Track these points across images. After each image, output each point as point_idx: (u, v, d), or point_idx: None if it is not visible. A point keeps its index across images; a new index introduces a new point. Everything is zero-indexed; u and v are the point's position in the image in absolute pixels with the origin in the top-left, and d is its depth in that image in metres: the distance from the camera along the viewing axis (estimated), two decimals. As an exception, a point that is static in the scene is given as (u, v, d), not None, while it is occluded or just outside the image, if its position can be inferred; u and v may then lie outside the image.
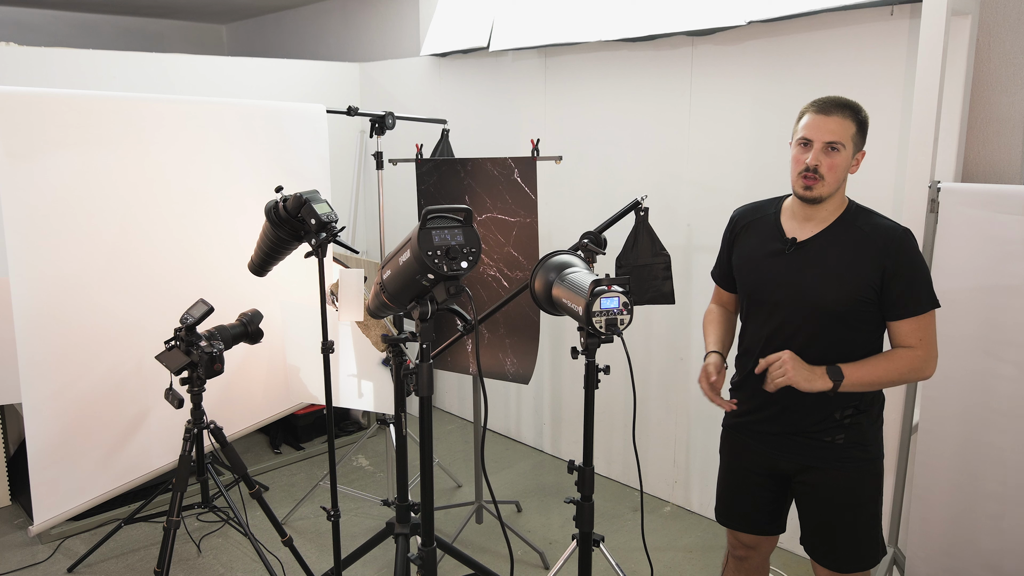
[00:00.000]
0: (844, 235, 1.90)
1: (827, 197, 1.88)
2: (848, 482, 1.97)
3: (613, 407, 3.79)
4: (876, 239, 1.86)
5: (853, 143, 1.86)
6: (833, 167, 1.84)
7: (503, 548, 3.24)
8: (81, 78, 3.68)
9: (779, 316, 1.97)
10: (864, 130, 1.89)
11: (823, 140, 1.84)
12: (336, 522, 2.66)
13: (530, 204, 3.06)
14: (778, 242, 1.98)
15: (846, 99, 1.87)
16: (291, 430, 4.23)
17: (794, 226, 1.97)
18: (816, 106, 1.87)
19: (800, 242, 1.94)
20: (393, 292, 1.80)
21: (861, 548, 2.00)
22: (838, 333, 1.90)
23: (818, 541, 2.04)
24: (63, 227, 2.66)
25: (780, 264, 1.96)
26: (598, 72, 3.59)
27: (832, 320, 1.90)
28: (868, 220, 1.90)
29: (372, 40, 5.15)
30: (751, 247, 2.05)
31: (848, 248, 1.88)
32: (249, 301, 2.93)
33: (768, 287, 1.98)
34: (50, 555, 3.19)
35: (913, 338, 1.87)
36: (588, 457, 2.01)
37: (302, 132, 3.39)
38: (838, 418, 1.95)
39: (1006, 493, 2.29)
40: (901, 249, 1.85)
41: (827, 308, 1.89)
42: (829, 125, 1.84)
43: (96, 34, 6.17)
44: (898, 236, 1.86)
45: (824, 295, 1.89)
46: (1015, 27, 2.47)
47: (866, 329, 1.92)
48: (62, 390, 2.73)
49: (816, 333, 1.92)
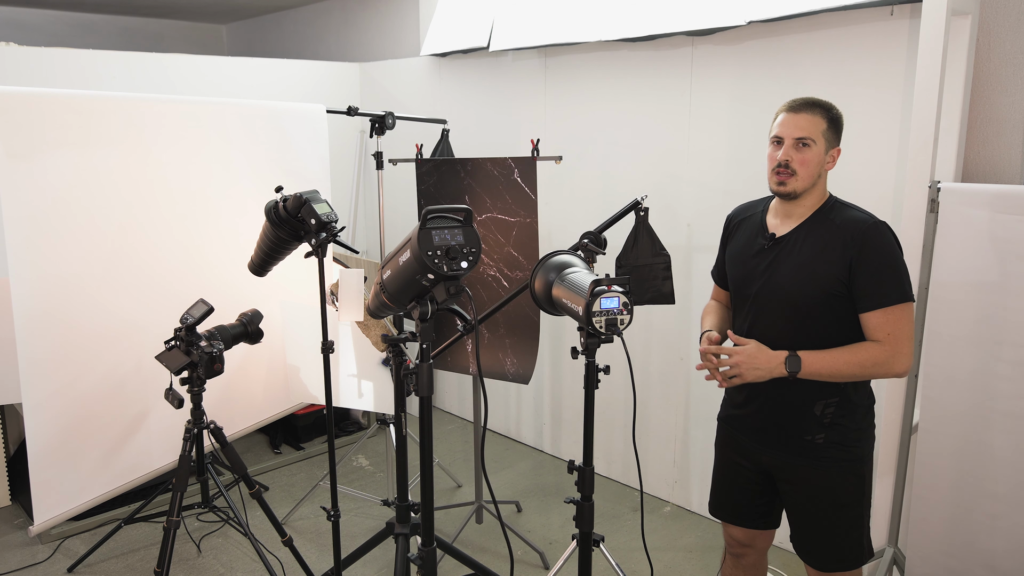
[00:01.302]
0: (818, 228, 1.94)
1: (802, 192, 1.93)
2: (828, 482, 1.99)
3: (613, 407, 3.79)
4: (844, 231, 1.89)
5: (824, 139, 1.91)
6: (804, 162, 1.90)
7: (503, 548, 3.25)
8: (81, 78, 3.68)
9: (755, 310, 2.02)
10: (837, 127, 1.93)
11: (793, 136, 1.90)
12: (336, 522, 2.66)
13: (530, 204, 3.06)
14: (761, 238, 2.03)
15: (817, 98, 1.93)
16: (291, 430, 4.23)
17: (776, 223, 2.02)
18: (787, 106, 1.95)
19: (778, 237, 1.99)
20: (393, 292, 1.80)
21: (842, 549, 2.02)
22: (811, 327, 1.93)
23: (800, 538, 2.08)
24: (63, 227, 2.66)
25: (759, 259, 2.01)
26: (598, 72, 3.59)
27: (804, 314, 1.93)
28: (841, 213, 1.93)
29: (372, 40, 5.15)
30: (739, 244, 2.11)
31: (819, 241, 1.92)
32: (249, 301, 2.93)
33: (747, 282, 2.04)
34: (50, 555, 3.19)
35: (880, 332, 1.88)
36: (588, 457, 2.01)
37: (302, 132, 3.39)
38: (818, 414, 1.96)
39: (1006, 493, 2.29)
40: (866, 240, 1.86)
41: (798, 301, 1.93)
42: (799, 122, 1.90)
43: (96, 34, 6.17)
44: (865, 228, 1.87)
45: (794, 288, 1.93)
46: (1015, 27, 2.47)
47: (841, 324, 1.93)
48: (62, 390, 2.73)
49: (789, 327, 1.95)
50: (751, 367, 1.94)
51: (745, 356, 1.95)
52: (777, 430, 2.02)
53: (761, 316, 2.01)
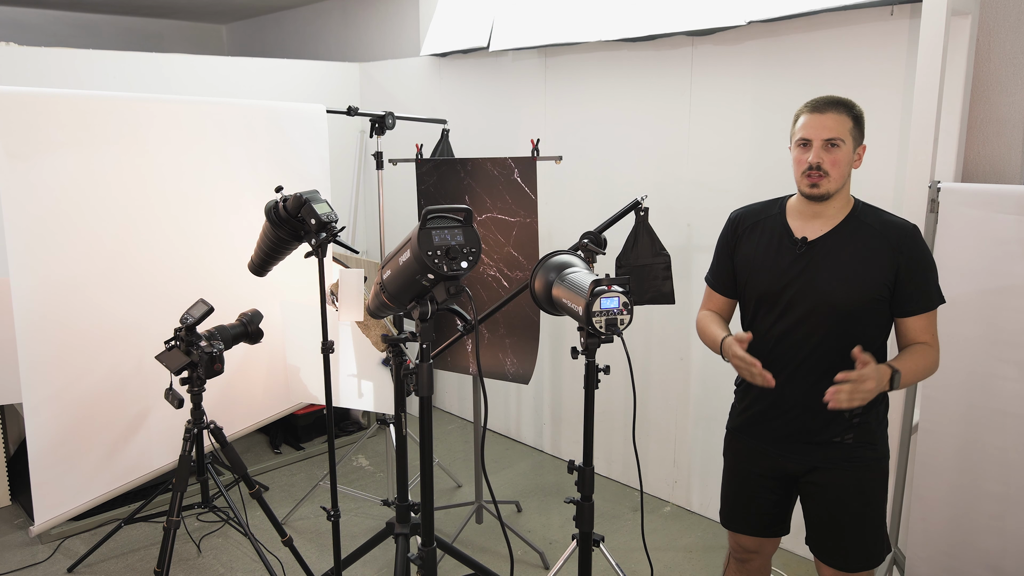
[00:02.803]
0: (856, 233, 1.92)
1: (834, 193, 1.90)
2: (857, 481, 1.98)
3: (613, 407, 3.79)
4: (889, 236, 1.89)
5: (852, 137, 1.89)
6: (836, 162, 1.87)
7: (503, 548, 3.24)
8: (80, 78, 3.67)
9: (792, 315, 1.96)
10: (861, 124, 1.91)
11: (822, 138, 1.87)
12: (336, 522, 2.66)
13: (530, 204, 3.05)
14: (787, 241, 1.98)
15: (838, 97, 1.91)
16: (291, 430, 4.23)
17: (801, 225, 1.97)
18: (810, 106, 1.91)
19: (811, 241, 1.95)
20: (393, 292, 1.80)
21: (868, 546, 2.00)
22: (848, 331, 1.91)
23: (826, 541, 2.04)
24: (63, 227, 2.66)
25: (791, 263, 1.96)
26: (598, 72, 3.59)
27: (844, 317, 1.91)
28: (877, 217, 1.93)
29: (372, 40, 5.15)
30: (759, 248, 2.03)
31: (861, 246, 1.90)
32: (249, 301, 2.93)
33: (776, 286, 1.98)
34: (50, 555, 3.19)
35: (927, 334, 1.90)
36: (588, 457, 2.01)
37: (302, 132, 3.39)
38: (847, 417, 1.96)
39: (1006, 493, 2.29)
40: (914, 245, 1.88)
41: (841, 305, 1.90)
42: (826, 122, 1.87)
43: (96, 34, 6.17)
44: (910, 233, 1.89)
45: (838, 292, 1.90)
46: (1015, 27, 2.47)
47: (875, 326, 1.93)
48: (62, 390, 2.73)
49: (828, 331, 1.93)
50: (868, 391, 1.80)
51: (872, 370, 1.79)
52: (806, 435, 1.99)
53: (801, 322, 1.95)
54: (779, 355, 1.97)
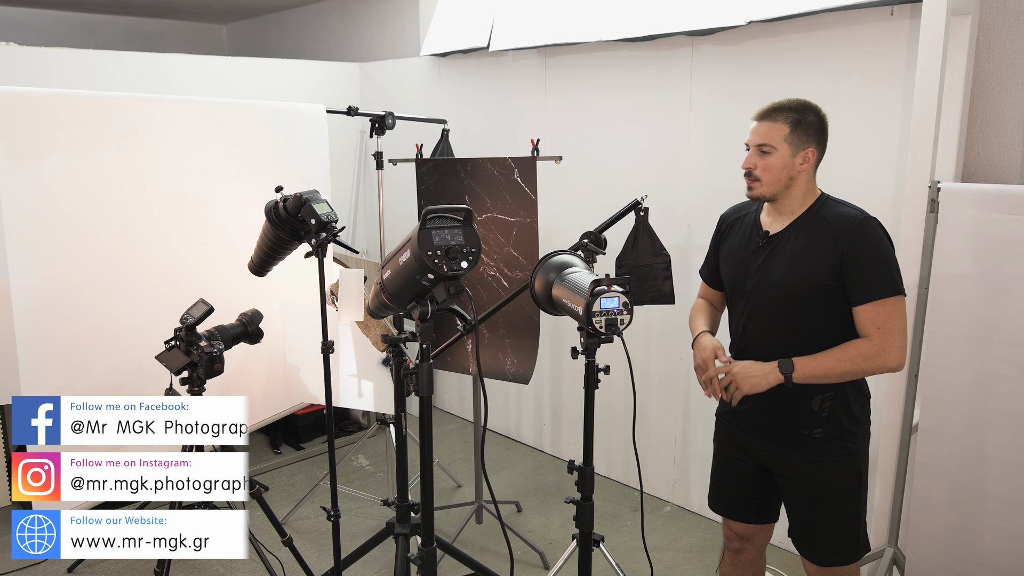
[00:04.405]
0: (807, 225, 1.97)
1: (771, 196, 1.98)
2: (824, 477, 2.01)
3: (613, 407, 3.79)
4: (836, 226, 1.92)
5: (788, 143, 1.93)
6: (767, 168, 1.95)
7: (503, 548, 3.24)
8: (80, 78, 3.67)
9: (750, 306, 2.05)
10: (806, 129, 1.94)
11: (754, 144, 1.97)
12: (336, 522, 2.66)
13: (530, 204, 3.05)
14: (755, 236, 2.06)
15: (785, 102, 1.96)
16: (291, 430, 4.23)
17: (770, 221, 2.06)
18: (755, 113, 2.00)
19: (772, 235, 2.02)
20: (393, 292, 1.80)
21: (839, 543, 2.04)
22: (806, 323, 1.96)
23: (800, 533, 2.09)
24: (63, 227, 2.66)
25: (753, 257, 2.05)
26: (598, 72, 3.59)
27: (797, 308, 1.96)
28: (832, 210, 1.97)
29: (372, 40, 5.15)
30: (734, 243, 2.14)
31: (811, 237, 1.95)
32: (249, 301, 2.92)
33: (742, 280, 2.07)
34: (50, 555, 3.18)
35: (871, 326, 1.89)
36: (588, 457, 2.02)
37: (302, 132, 3.39)
38: (816, 409, 1.98)
39: (1006, 493, 2.29)
40: (857, 234, 1.89)
41: (791, 296, 1.96)
42: (759, 130, 1.97)
43: (96, 34, 6.17)
44: (856, 222, 1.91)
45: (787, 283, 1.96)
46: (1015, 27, 2.47)
47: (836, 320, 1.95)
48: (62, 390, 2.72)
49: (784, 323, 1.98)
50: (746, 376, 1.97)
51: (740, 367, 1.99)
52: (775, 426, 2.04)
53: (756, 313, 2.04)
54: (745, 347, 2.08)
